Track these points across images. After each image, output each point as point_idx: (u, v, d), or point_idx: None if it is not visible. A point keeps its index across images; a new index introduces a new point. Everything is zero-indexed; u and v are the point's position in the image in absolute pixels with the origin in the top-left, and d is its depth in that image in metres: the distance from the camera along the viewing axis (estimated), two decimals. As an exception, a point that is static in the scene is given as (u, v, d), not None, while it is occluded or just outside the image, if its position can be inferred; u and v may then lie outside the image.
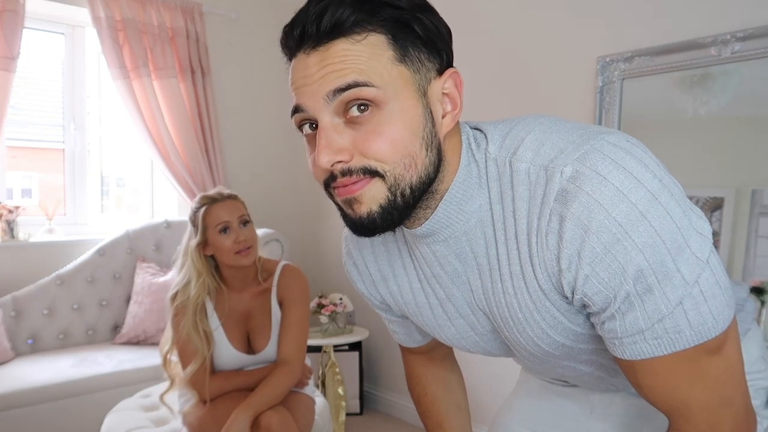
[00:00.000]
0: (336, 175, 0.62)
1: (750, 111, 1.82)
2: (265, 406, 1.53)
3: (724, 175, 1.85)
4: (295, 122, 0.65)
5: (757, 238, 1.77)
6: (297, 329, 1.67)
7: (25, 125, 3.34)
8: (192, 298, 1.62)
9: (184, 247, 1.70)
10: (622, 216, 0.56)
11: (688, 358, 0.61)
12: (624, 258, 0.57)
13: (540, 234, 0.62)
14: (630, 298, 0.59)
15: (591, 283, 0.60)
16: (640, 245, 0.57)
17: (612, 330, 0.62)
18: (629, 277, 0.58)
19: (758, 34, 1.72)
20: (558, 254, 0.61)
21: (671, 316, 0.59)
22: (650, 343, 0.61)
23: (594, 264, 0.59)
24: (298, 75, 0.62)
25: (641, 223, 0.57)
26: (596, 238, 0.57)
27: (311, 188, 3.53)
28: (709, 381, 0.62)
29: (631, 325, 0.60)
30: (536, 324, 0.69)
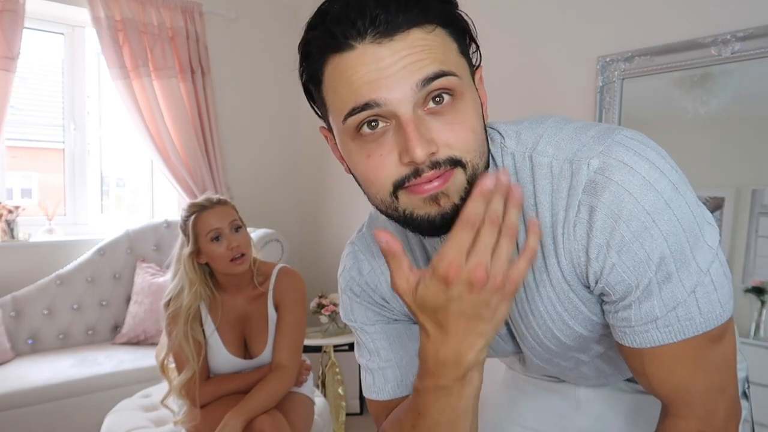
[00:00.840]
0: (421, 170, 0.58)
1: (750, 111, 1.82)
2: (258, 410, 1.51)
3: (724, 175, 1.85)
4: (353, 123, 0.59)
5: (757, 238, 1.77)
6: (292, 334, 1.65)
7: (25, 125, 3.34)
8: (184, 307, 1.60)
9: (177, 255, 1.67)
10: (650, 204, 0.58)
11: (694, 345, 0.63)
12: (650, 246, 0.59)
13: (567, 225, 0.63)
14: (650, 287, 0.61)
15: (616, 272, 0.61)
16: (665, 233, 0.59)
17: (626, 318, 0.64)
18: (653, 264, 0.60)
19: (758, 34, 1.72)
20: (587, 244, 0.62)
21: (685, 304, 0.61)
22: (662, 331, 0.62)
23: (621, 252, 0.60)
24: (369, 68, 0.57)
25: (666, 212, 0.59)
26: (626, 227, 0.59)
27: (311, 188, 3.53)
28: (710, 368, 0.64)
29: (647, 313, 0.62)
30: (558, 315, 0.70)
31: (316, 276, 3.43)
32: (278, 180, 3.51)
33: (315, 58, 0.61)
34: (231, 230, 1.62)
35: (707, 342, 0.63)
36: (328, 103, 0.62)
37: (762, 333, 1.76)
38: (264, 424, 1.49)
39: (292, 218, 3.56)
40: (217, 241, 1.59)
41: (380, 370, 0.82)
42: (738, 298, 1.80)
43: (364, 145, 0.60)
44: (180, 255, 1.65)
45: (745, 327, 1.78)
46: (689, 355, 0.63)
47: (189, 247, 1.61)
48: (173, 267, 1.68)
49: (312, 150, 3.53)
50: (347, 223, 3.27)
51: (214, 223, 1.60)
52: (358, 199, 3.37)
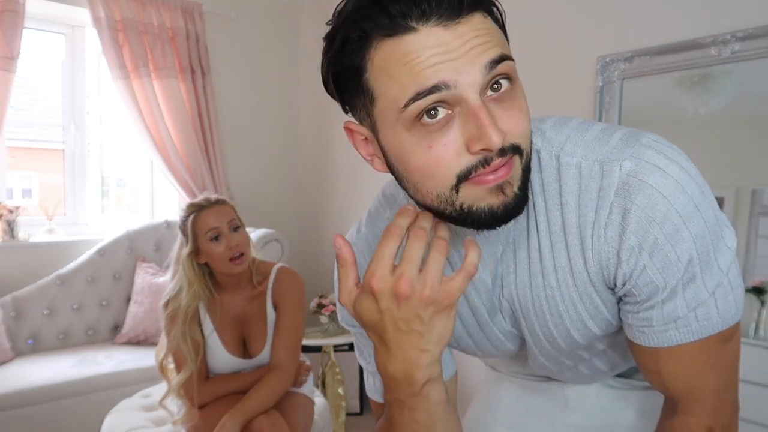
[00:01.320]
0: (490, 159, 0.56)
1: (750, 111, 1.82)
2: (256, 411, 1.51)
3: (724, 175, 1.85)
4: (415, 110, 0.55)
5: (757, 238, 1.77)
6: (290, 334, 1.65)
7: (25, 125, 3.34)
8: (182, 307, 1.60)
9: (176, 255, 1.67)
10: (682, 207, 0.59)
11: (709, 344, 0.64)
12: (681, 248, 0.60)
13: (597, 227, 0.62)
14: (676, 288, 0.61)
15: (646, 274, 0.61)
16: (694, 235, 0.60)
17: (647, 318, 0.64)
18: (682, 266, 0.60)
19: (758, 34, 1.72)
20: (618, 246, 0.61)
21: (705, 305, 0.62)
22: (681, 331, 0.63)
23: (653, 254, 0.60)
24: (435, 51, 0.54)
25: (696, 215, 0.59)
26: (659, 229, 0.59)
27: (311, 188, 3.53)
28: (720, 366, 0.66)
29: (669, 313, 0.63)
30: (577, 316, 0.69)
31: (316, 276, 3.43)
32: (278, 180, 3.51)
33: (360, 43, 0.56)
34: (230, 230, 1.62)
35: (720, 341, 0.64)
36: (377, 93, 0.58)
37: (762, 333, 1.76)
38: (262, 425, 1.49)
39: (292, 218, 3.56)
40: (216, 241, 1.59)
41: None
42: (738, 298, 1.80)
43: (425, 135, 0.56)
44: (179, 255, 1.65)
45: (745, 327, 1.78)
46: (704, 353, 0.64)
47: (188, 247, 1.61)
48: (172, 267, 1.68)
49: (312, 150, 3.53)
50: (347, 223, 3.27)
51: (212, 223, 1.60)
52: (359, 199, 3.40)
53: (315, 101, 3.49)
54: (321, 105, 3.45)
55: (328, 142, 3.41)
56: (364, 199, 3.16)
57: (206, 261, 1.63)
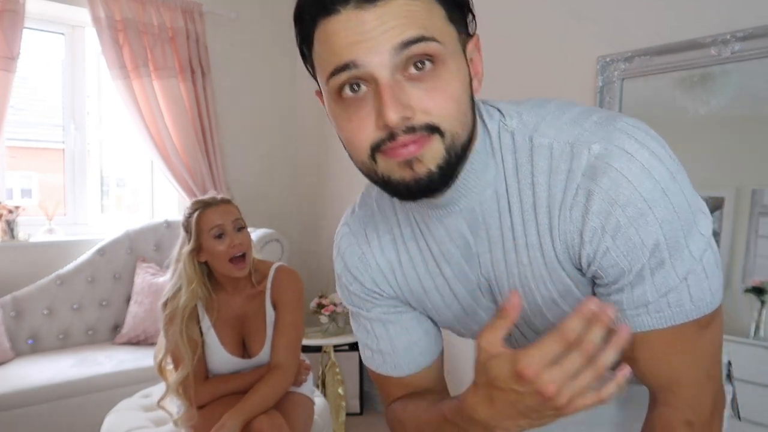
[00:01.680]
0: (395, 134, 0.59)
1: (750, 111, 1.82)
2: (256, 411, 1.50)
3: (724, 175, 1.85)
4: (335, 84, 0.61)
5: (757, 238, 1.77)
6: (290, 333, 1.65)
7: (25, 125, 3.34)
8: (181, 306, 1.59)
9: (177, 253, 1.67)
10: (647, 192, 0.60)
11: (683, 332, 0.64)
12: (645, 232, 0.60)
13: (564, 207, 0.64)
14: (643, 272, 0.62)
15: (609, 256, 0.63)
16: (660, 220, 0.60)
17: (618, 302, 0.65)
18: (647, 250, 0.61)
19: (758, 34, 1.72)
20: (582, 227, 0.63)
21: (676, 290, 0.63)
22: (652, 316, 0.64)
23: (616, 237, 0.61)
24: (351, 31, 0.58)
25: (663, 200, 0.60)
26: (622, 212, 0.60)
27: (311, 188, 3.53)
28: (698, 355, 0.66)
29: (639, 297, 0.63)
30: (548, 293, 0.71)
31: (316, 276, 3.43)
32: (278, 180, 3.51)
33: (307, 23, 0.63)
34: (234, 229, 1.62)
35: (697, 329, 0.65)
36: (317, 67, 0.65)
37: (762, 333, 1.75)
38: (262, 424, 1.49)
39: (292, 218, 3.56)
40: (220, 239, 1.60)
41: (378, 351, 0.83)
42: (738, 298, 1.80)
43: (346, 108, 0.62)
44: (180, 253, 1.65)
45: (745, 327, 1.78)
46: (678, 341, 0.65)
47: (190, 244, 1.61)
48: (172, 266, 1.68)
49: (312, 150, 3.53)
50: (347, 223, 3.27)
51: (217, 220, 1.61)
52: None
53: (315, 101, 3.47)
54: (321, 105, 3.44)
55: (328, 142, 3.41)
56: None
57: (207, 259, 1.63)
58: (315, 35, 0.62)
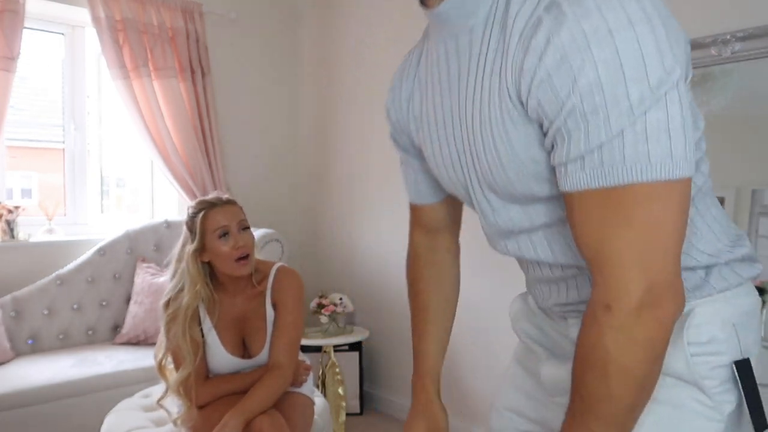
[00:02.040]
0: None
1: (750, 111, 1.82)
2: (257, 410, 1.50)
3: (724, 175, 1.85)
4: None
5: (758, 238, 1.77)
6: (290, 333, 1.65)
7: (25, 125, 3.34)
8: (183, 306, 1.60)
9: (178, 253, 1.67)
10: (589, 28, 0.59)
11: (621, 198, 0.61)
12: (579, 68, 0.60)
13: (522, 37, 0.65)
14: (575, 115, 0.61)
15: (544, 88, 0.62)
16: (597, 60, 0.59)
17: (559, 156, 0.64)
18: (578, 89, 0.60)
19: (758, 34, 1.72)
20: (524, 56, 0.64)
21: (609, 146, 0.60)
22: (587, 173, 0.62)
23: (551, 69, 0.61)
24: None
25: (606, 40, 0.59)
26: (559, 43, 0.60)
27: (311, 188, 3.53)
28: (633, 233, 0.61)
29: (575, 148, 0.62)
30: (501, 142, 0.71)
31: (316, 276, 3.43)
32: (278, 180, 3.51)
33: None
34: (238, 230, 1.63)
35: (631, 197, 0.61)
36: None
37: (762, 333, 1.75)
38: (263, 424, 1.49)
39: (292, 218, 3.56)
40: (224, 239, 1.60)
41: (404, 181, 1.02)
42: (738, 298, 1.80)
43: None
44: (182, 253, 1.65)
45: (745, 327, 1.78)
46: (610, 208, 0.61)
47: (194, 244, 1.61)
48: (173, 266, 1.68)
49: (312, 150, 3.53)
50: (347, 223, 3.27)
51: (222, 221, 1.61)
52: (359, 199, 3.40)
53: (315, 101, 3.49)
54: (321, 105, 3.45)
55: (328, 142, 3.41)
56: (363, 198, 3.16)
57: (210, 259, 1.63)
58: None
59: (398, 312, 2.97)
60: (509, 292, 2.75)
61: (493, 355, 2.55)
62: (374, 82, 3.06)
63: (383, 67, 3.01)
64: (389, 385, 3.06)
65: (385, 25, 3.00)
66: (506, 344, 2.57)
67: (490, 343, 2.55)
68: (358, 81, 3.18)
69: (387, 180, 2.93)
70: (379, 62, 3.04)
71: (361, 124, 3.16)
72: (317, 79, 3.46)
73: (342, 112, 3.30)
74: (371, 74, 3.09)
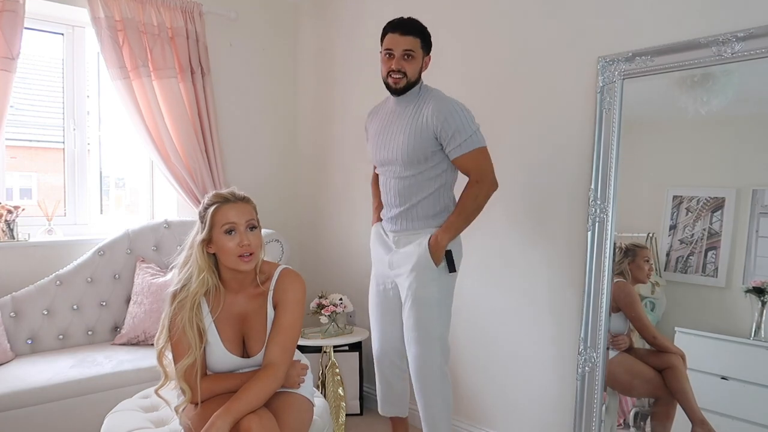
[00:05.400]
0: (394, 70, 2.09)
1: (750, 111, 1.82)
2: (245, 411, 1.50)
3: (724, 175, 1.85)
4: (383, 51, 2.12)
5: (758, 238, 1.77)
6: (286, 332, 1.65)
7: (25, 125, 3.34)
8: (191, 294, 1.62)
9: (190, 240, 1.69)
10: (451, 111, 2.10)
11: (473, 154, 2.05)
12: (448, 125, 2.05)
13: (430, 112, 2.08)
14: (452, 137, 2.04)
15: (441, 130, 2.04)
16: (455, 122, 2.05)
17: (448, 146, 2.05)
18: (450, 131, 2.04)
19: (758, 34, 1.72)
20: (434, 120, 2.06)
21: (468, 141, 2.04)
22: (457, 152, 2.05)
23: (442, 125, 2.05)
24: (392, 41, 2.09)
25: (457, 115, 2.05)
26: (443, 117, 2.05)
27: (311, 188, 3.53)
28: (475, 161, 2.06)
29: (452, 146, 2.05)
30: (410, 138, 2.09)
31: (316, 276, 3.43)
32: (278, 180, 3.51)
33: (383, 32, 2.15)
34: (246, 228, 1.64)
35: (478, 153, 2.05)
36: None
37: (762, 333, 1.75)
38: (251, 423, 1.48)
39: (292, 218, 3.56)
40: (230, 235, 1.62)
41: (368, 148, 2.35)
42: (738, 298, 1.80)
43: (385, 61, 2.15)
44: (193, 240, 1.67)
45: (746, 327, 1.78)
46: (469, 159, 2.04)
47: (202, 234, 1.64)
48: (185, 252, 1.70)
49: (312, 150, 3.53)
50: (347, 223, 3.27)
51: (231, 217, 1.63)
52: (358, 199, 3.39)
53: (315, 101, 3.49)
54: (321, 105, 3.45)
55: (328, 142, 3.41)
56: (363, 199, 3.16)
57: (215, 252, 1.65)
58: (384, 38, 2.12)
59: (398, 312, 2.96)
60: (508, 292, 2.77)
61: (493, 355, 2.55)
62: (374, 81, 3.05)
63: (383, 67, 3.01)
64: (389, 386, 3.06)
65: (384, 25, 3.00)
66: (506, 344, 2.58)
67: (489, 343, 2.55)
68: (357, 81, 3.18)
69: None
70: (378, 62, 3.03)
71: (361, 123, 3.15)
72: (317, 79, 3.46)
73: (342, 112, 3.30)
74: (371, 74, 3.09)
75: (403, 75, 2.06)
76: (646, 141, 2.04)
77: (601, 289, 2.08)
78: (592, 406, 2.11)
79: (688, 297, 1.93)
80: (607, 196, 2.08)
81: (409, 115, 2.09)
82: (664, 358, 1.97)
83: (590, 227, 2.12)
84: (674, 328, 1.95)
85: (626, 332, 2.08)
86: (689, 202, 1.92)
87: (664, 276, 1.97)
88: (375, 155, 2.22)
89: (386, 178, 2.19)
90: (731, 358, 1.81)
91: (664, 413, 1.97)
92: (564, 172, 2.25)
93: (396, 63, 2.05)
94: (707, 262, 1.87)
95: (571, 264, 2.24)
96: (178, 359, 1.62)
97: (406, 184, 2.11)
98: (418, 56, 2.07)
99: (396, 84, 2.07)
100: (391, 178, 2.16)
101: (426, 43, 2.10)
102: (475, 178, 2.05)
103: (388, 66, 2.08)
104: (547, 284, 2.34)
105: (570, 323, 2.25)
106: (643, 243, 2.03)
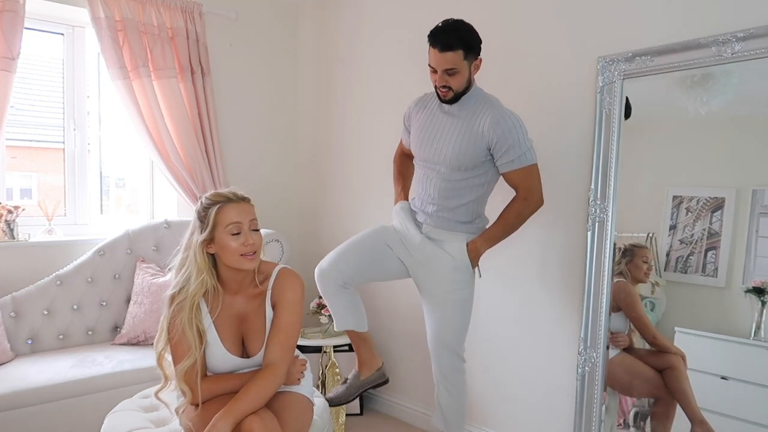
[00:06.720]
0: (439, 86, 2.01)
1: (750, 111, 1.82)
2: (247, 411, 1.50)
3: (724, 175, 1.85)
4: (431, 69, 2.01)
5: (758, 238, 1.77)
6: (286, 332, 1.65)
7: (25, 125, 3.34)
8: (190, 294, 1.61)
9: (187, 241, 1.68)
10: (509, 125, 1.99)
11: (521, 172, 2.00)
12: (504, 139, 1.97)
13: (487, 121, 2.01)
14: (505, 151, 1.98)
15: (497, 144, 1.98)
16: (513, 136, 1.99)
17: (499, 163, 2.01)
18: (506, 145, 1.97)
19: (758, 34, 1.72)
20: (488, 129, 1.99)
21: (517, 159, 2.00)
22: (509, 167, 2.00)
23: (498, 138, 1.98)
24: (436, 58, 1.96)
25: (514, 130, 1.98)
26: (500, 129, 1.97)
27: (311, 188, 3.53)
28: (528, 178, 2.02)
29: (504, 161, 2.00)
30: (462, 146, 2.02)
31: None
32: (278, 180, 3.51)
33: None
34: (250, 229, 1.64)
35: (525, 171, 2.00)
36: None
37: (762, 333, 1.75)
38: (252, 424, 1.48)
39: (292, 218, 3.56)
40: (235, 235, 1.61)
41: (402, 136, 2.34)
42: (738, 298, 1.80)
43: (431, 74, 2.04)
44: (190, 242, 1.66)
45: (746, 327, 1.78)
46: (520, 175, 2.00)
47: (203, 235, 1.62)
48: (181, 254, 1.68)
49: (312, 150, 3.53)
50: (347, 223, 3.27)
51: (235, 217, 1.62)
52: (358, 199, 3.39)
53: (315, 101, 3.49)
54: (321, 105, 3.45)
55: (328, 141, 3.41)
56: (363, 199, 3.16)
57: (216, 252, 1.64)
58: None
59: (398, 313, 2.97)
60: (508, 293, 2.77)
61: (492, 354, 2.55)
62: (374, 81, 3.06)
63: (383, 66, 3.01)
64: (389, 386, 3.06)
65: (384, 26, 3.00)
66: (506, 344, 2.58)
67: (489, 342, 2.55)
68: (358, 81, 3.18)
69: (387, 179, 2.93)
70: (378, 62, 3.04)
71: (361, 123, 3.16)
72: (317, 79, 3.46)
73: (342, 112, 3.30)
74: (371, 74, 3.09)
75: (449, 89, 1.97)
76: (646, 141, 2.04)
77: (601, 288, 2.08)
78: (592, 406, 2.11)
79: (688, 297, 1.93)
80: (607, 196, 2.08)
81: (462, 119, 2.01)
82: (664, 358, 1.97)
83: (590, 227, 2.12)
84: (674, 328, 1.95)
85: (626, 332, 2.09)
86: (689, 202, 1.92)
87: (664, 276, 1.97)
88: (418, 151, 2.13)
89: (428, 174, 2.11)
90: (731, 358, 1.81)
91: (664, 413, 1.97)
92: (564, 172, 2.25)
93: (440, 80, 1.96)
94: (707, 262, 1.87)
95: (571, 264, 2.24)
96: (178, 361, 1.62)
97: (449, 187, 2.05)
98: (461, 69, 1.94)
99: (444, 96, 2.00)
100: (434, 175, 2.08)
101: (471, 51, 1.95)
102: (523, 195, 2.01)
103: (433, 80, 2.01)
104: (547, 284, 2.34)
105: (570, 323, 2.25)
106: (643, 243, 2.03)
